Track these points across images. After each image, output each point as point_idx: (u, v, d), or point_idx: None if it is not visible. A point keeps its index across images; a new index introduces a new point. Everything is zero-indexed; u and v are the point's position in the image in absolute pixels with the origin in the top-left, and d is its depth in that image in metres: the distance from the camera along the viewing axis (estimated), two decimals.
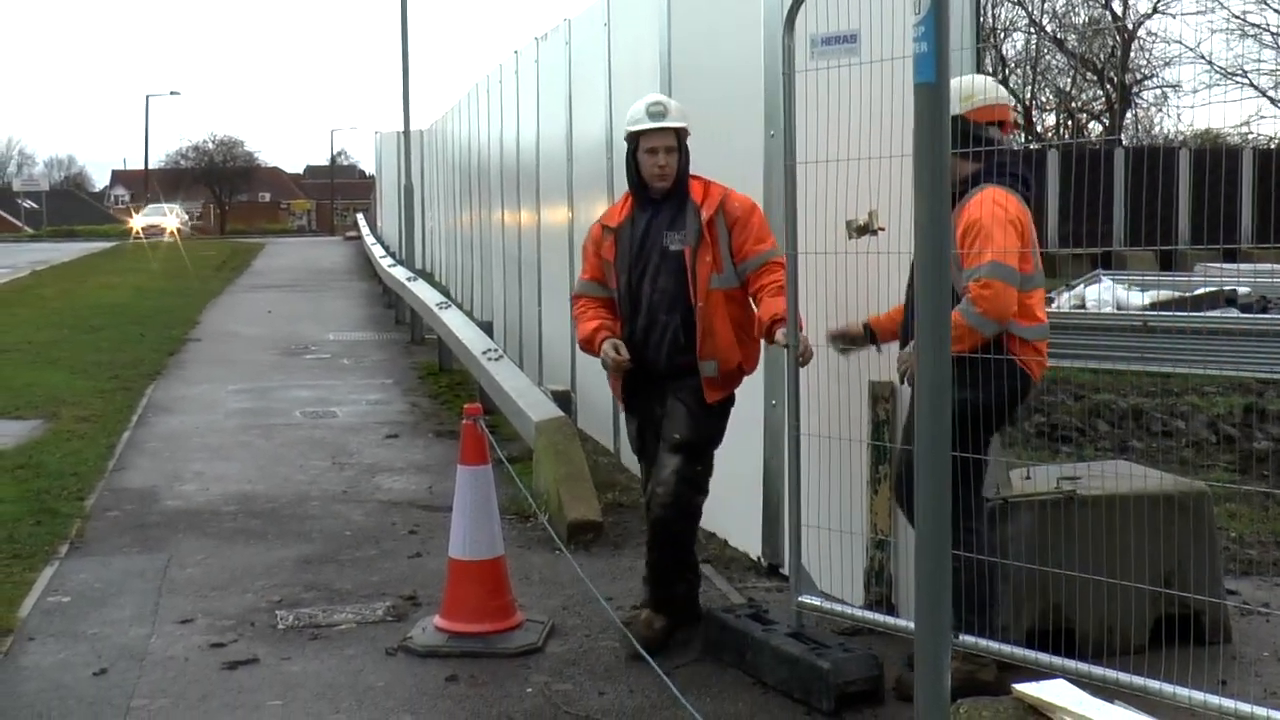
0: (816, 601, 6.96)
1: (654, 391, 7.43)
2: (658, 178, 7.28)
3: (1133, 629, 6.72)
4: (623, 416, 8.04)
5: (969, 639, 6.31)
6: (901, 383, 6.69)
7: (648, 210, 7.38)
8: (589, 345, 7.54)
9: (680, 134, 7.30)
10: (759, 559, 8.76)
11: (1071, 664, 5.85)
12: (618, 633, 7.34)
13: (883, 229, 6.44)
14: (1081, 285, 24.45)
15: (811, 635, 6.79)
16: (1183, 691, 5.41)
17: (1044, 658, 5.92)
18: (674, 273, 7.22)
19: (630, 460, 11.75)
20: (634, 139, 7.32)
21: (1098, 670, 5.71)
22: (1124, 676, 5.59)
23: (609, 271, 7.47)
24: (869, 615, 6.82)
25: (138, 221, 77.88)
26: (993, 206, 6.21)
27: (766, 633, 6.84)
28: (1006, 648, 6.24)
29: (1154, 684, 5.55)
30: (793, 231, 6.74)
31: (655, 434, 7.43)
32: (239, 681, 6.98)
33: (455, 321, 16.70)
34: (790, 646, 6.66)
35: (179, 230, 76.90)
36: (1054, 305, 23.07)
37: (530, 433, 10.90)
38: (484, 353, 13.93)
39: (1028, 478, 7.20)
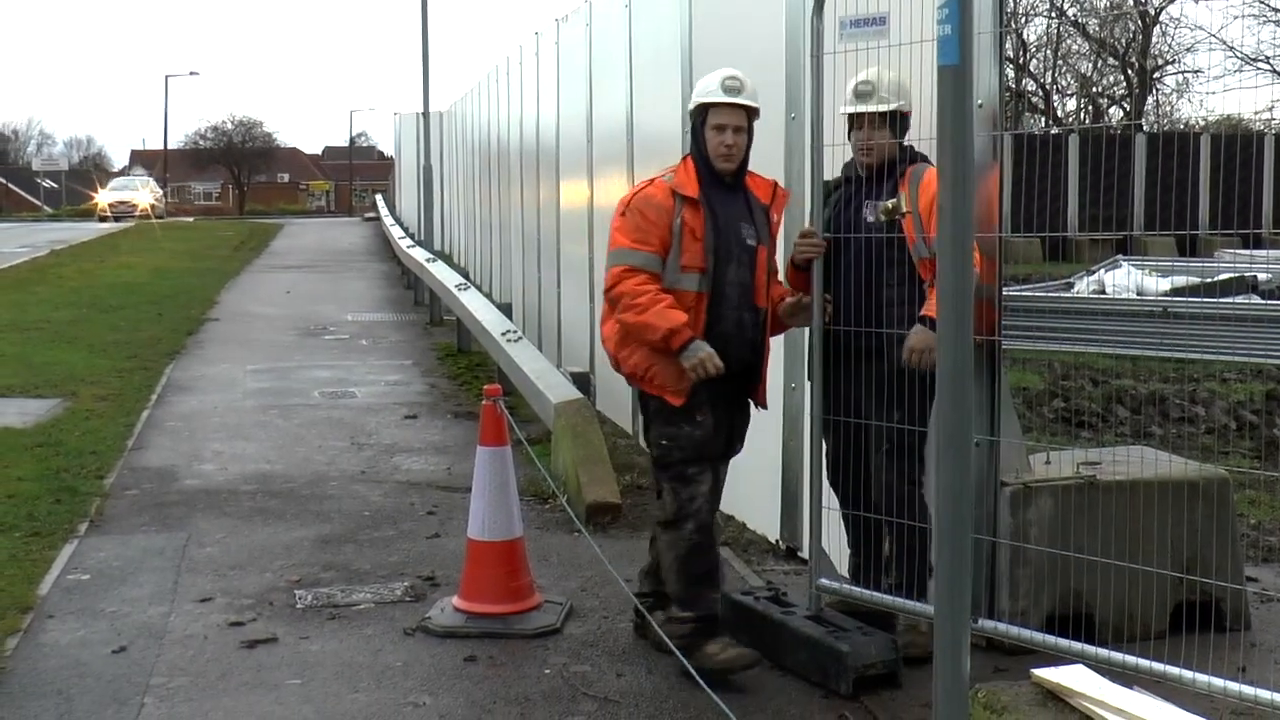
0: (835, 585, 6.95)
1: (723, 391, 6.81)
2: (724, 158, 6.80)
3: (1153, 615, 6.70)
4: (638, 405, 7.62)
5: (988, 624, 6.31)
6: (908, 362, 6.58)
7: (720, 191, 6.82)
8: (673, 339, 6.53)
9: (751, 114, 6.90)
10: (777, 542, 8.76)
11: (1091, 649, 5.85)
12: (630, 612, 7.33)
13: (910, 211, 6.45)
14: (1101, 270, 24.39)
15: (830, 618, 6.79)
16: (1201, 677, 5.40)
17: (1062, 642, 5.91)
18: (748, 267, 6.76)
19: None
20: (703, 112, 6.83)
21: (1116, 656, 5.70)
22: (1143, 662, 5.58)
23: (687, 249, 6.67)
24: (887, 599, 6.81)
25: (104, 197, 70.84)
26: None
27: (785, 615, 6.84)
28: (1026, 632, 6.24)
29: (1173, 669, 5.53)
30: (819, 213, 6.76)
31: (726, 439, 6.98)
32: (258, 660, 7.00)
33: (474, 303, 16.70)
34: (809, 629, 6.67)
35: (152, 207, 70.30)
36: (1074, 290, 23.05)
37: (549, 414, 10.90)
38: (503, 334, 13.93)
39: (1048, 463, 7.18)
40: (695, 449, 6.73)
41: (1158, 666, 5.58)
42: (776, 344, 7.56)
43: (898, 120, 6.78)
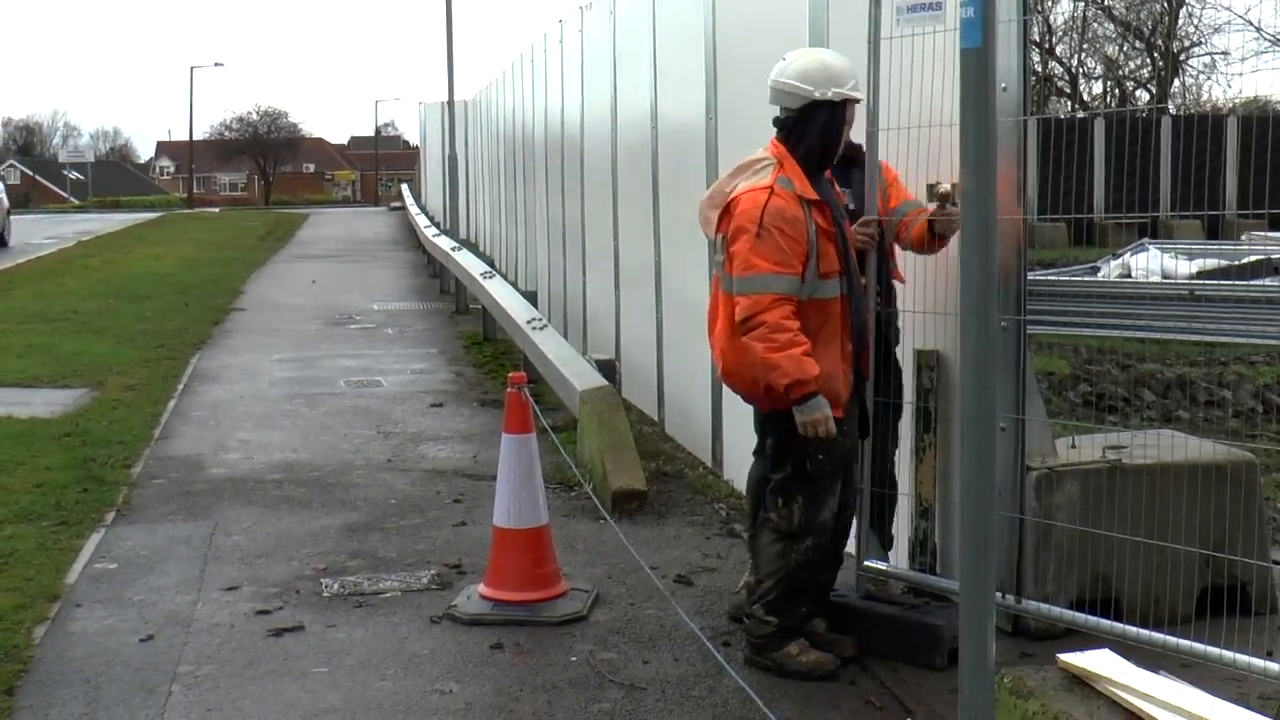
0: (882, 565, 6.97)
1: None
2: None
3: (1180, 598, 6.68)
4: (666, 381, 7.55)
5: (1013, 601, 6.32)
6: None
7: (821, 184, 6.55)
8: (795, 390, 6.18)
9: None
10: None
11: (1120, 627, 5.86)
12: (662, 601, 7.34)
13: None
14: (1127, 254, 24.30)
15: (884, 597, 6.87)
16: (1228, 654, 5.41)
17: (1092, 620, 5.92)
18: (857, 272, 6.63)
19: (675, 430, 11.77)
20: (842, 104, 6.48)
21: (1144, 633, 5.70)
22: (1170, 639, 5.59)
23: (825, 254, 6.37)
24: (931, 579, 6.83)
25: None
26: None
27: (839, 599, 6.92)
28: (1056, 610, 6.26)
29: (1199, 646, 5.55)
30: (872, 194, 6.75)
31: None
32: (284, 648, 7.02)
33: (500, 291, 16.71)
34: (884, 609, 6.70)
35: None
36: (1100, 274, 22.98)
37: (574, 402, 10.90)
38: (528, 322, 13.93)
39: (1073, 447, 7.16)
40: (843, 459, 6.60)
41: (1184, 643, 5.60)
42: None
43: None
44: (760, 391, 6.32)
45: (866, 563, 6.93)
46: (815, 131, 6.43)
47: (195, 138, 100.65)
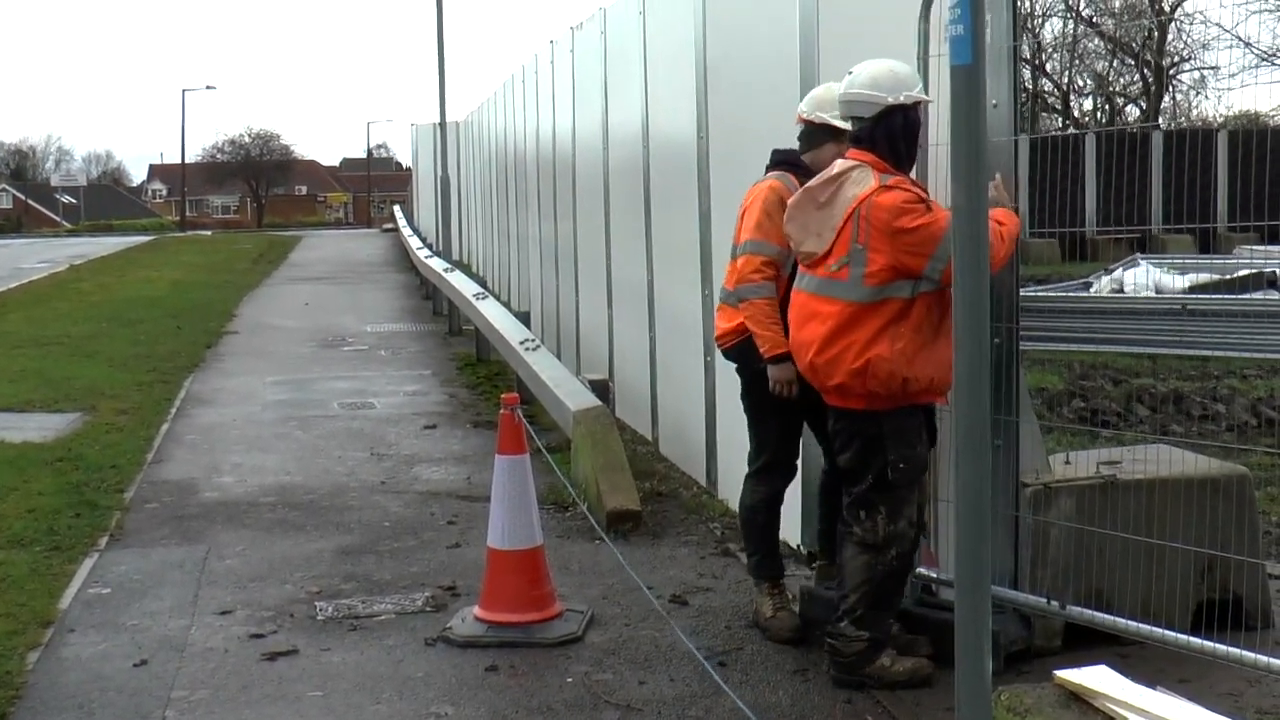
0: (933, 574, 6.98)
1: None
2: None
3: (1176, 613, 6.67)
4: (660, 400, 7.63)
5: (1003, 592, 6.33)
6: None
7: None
8: None
9: None
10: (798, 547, 8.73)
11: (1123, 622, 5.91)
12: (657, 621, 7.33)
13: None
14: (1120, 269, 24.33)
15: (936, 603, 6.92)
16: (1221, 648, 5.46)
17: (1096, 616, 5.92)
18: None
19: (669, 449, 11.76)
20: (914, 106, 6.54)
21: (1145, 628, 5.74)
22: (1169, 634, 5.62)
23: None
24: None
25: None
26: None
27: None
28: (1055, 604, 6.34)
29: (1195, 640, 5.62)
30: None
31: None
32: (279, 672, 7.00)
33: (493, 312, 16.70)
34: (939, 616, 6.67)
35: None
36: (1092, 290, 23.00)
37: (568, 422, 10.89)
38: (521, 343, 13.92)
39: (1068, 463, 7.16)
40: (922, 467, 6.65)
41: (1181, 637, 5.69)
42: None
43: None
44: (898, 386, 6.37)
45: (919, 570, 6.94)
46: (896, 135, 6.52)
47: (187, 160, 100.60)
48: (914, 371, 6.34)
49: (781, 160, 7.32)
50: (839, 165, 6.55)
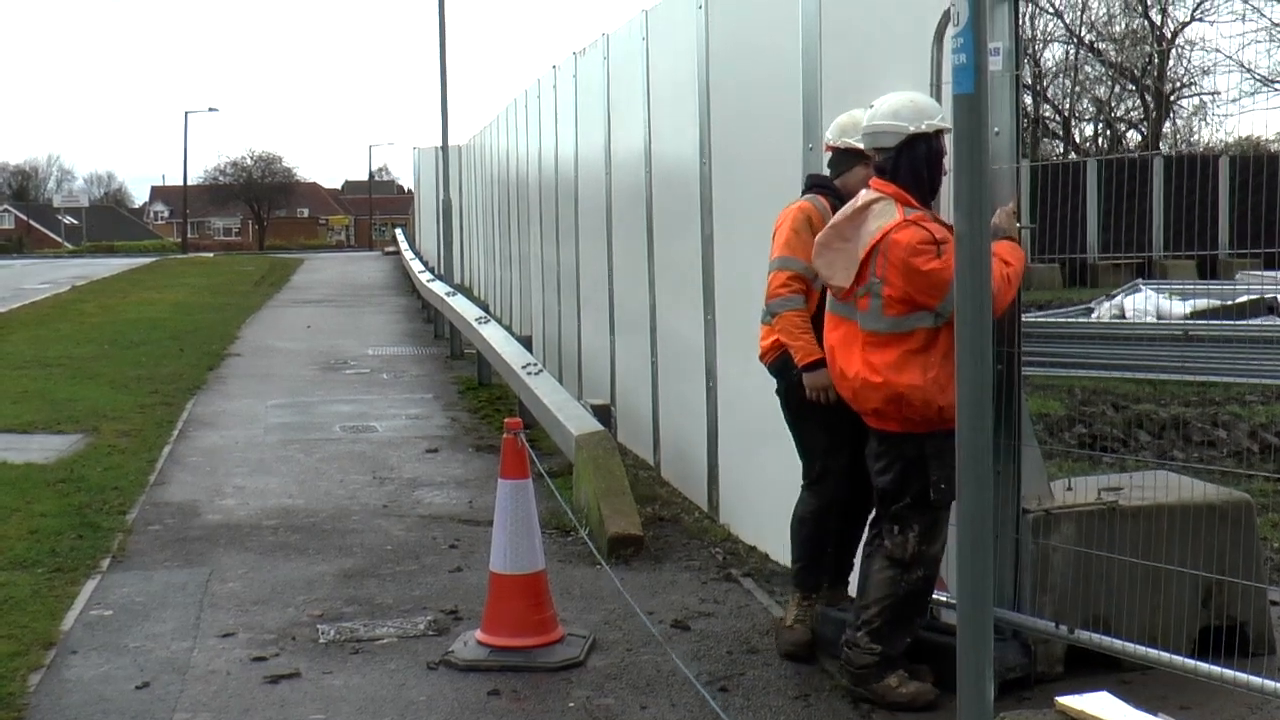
0: (945, 598, 6.96)
1: None
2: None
3: (1183, 639, 6.67)
4: (662, 425, 7.68)
5: (1010, 615, 6.33)
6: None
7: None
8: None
9: None
10: None
11: (1130, 646, 5.95)
12: (659, 647, 7.33)
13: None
14: (1121, 295, 24.35)
15: (939, 626, 6.90)
16: (1226, 672, 5.47)
17: (1096, 638, 5.92)
18: None
19: (671, 474, 11.76)
20: (936, 134, 6.59)
21: (1152, 652, 5.75)
22: (1174, 658, 5.63)
23: None
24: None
25: None
26: None
27: None
28: (1063, 628, 6.34)
29: (1199, 664, 5.63)
30: None
31: None
32: (281, 695, 7.00)
33: (494, 336, 16.71)
34: (942, 640, 6.66)
35: None
36: (1094, 315, 23.01)
37: (570, 446, 10.90)
38: (523, 367, 13.94)
39: (1069, 489, 7.16)
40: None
41: (1189, 662, 5.66)
42: None
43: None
44: (933, 413, 6.40)
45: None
46: (919, 164, 6.60)
47: (190, 182, 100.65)
48: (948, 399, 6.25)
49: (816, 184, 7.43)
50: (863, 197, 6.60)
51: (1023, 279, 6.57)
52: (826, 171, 7.41)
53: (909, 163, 6.57)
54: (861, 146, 6.94)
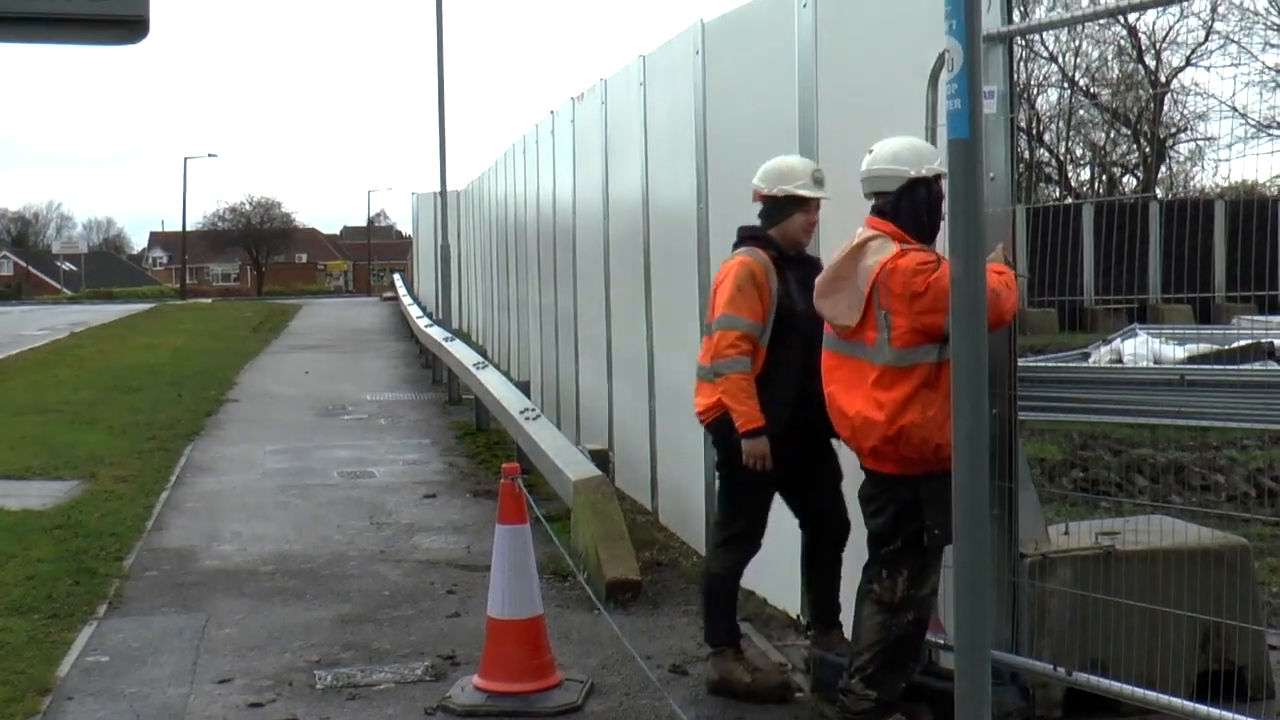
0: (940, 639, 6.95)
1: None
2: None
3: (1181, 683, 6.66)
4: (660, 470, 7.85)
5: (1009, 657, 6.31)
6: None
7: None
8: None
9: None
10: (798, 617, 8.73)
11: (1129, 689, 6.00)
12: (657, 692, 7.33)
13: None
14: (1118, 339, 24.37)
15: (937, 670, 6.90)
16: (1227, 714, 5.47)
17: (1099, 682, 5.91)
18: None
19: (669, 519, 11.75)
20: (935, 179, 6.63)
21: (1150, 694, 5.76)
22: (1174, 701, 5.64)
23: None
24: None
25: None
26: None
27: None
28: (1061, 670, 6.35)
29: (1199, 707, 5.63)
30: None
31: None
32: None
33: (492, 381, 16.71)
34: (938, 684, 6.66)
35: None
36: (1091, 360, 23.03)
37: (568, 491, 10.89)
38: (521, 412, 13.94)
39: (1066, 533, 7.17)
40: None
41: (1189, 704, 5.68)
42: None
43: None
44: (930, 452, 6.38)
45: (928, 637, 6.93)
46: (920, 207, 6.63)
47: (189, 228, 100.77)
48: (946, 437, 6.24)
49: (750, 236, 7.45)
50: (859, 235, 6.64)
51: (1014, 319, 6.59)
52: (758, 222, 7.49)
53: (910, 206, 6.60)
54: (802, 192, 7.05)
